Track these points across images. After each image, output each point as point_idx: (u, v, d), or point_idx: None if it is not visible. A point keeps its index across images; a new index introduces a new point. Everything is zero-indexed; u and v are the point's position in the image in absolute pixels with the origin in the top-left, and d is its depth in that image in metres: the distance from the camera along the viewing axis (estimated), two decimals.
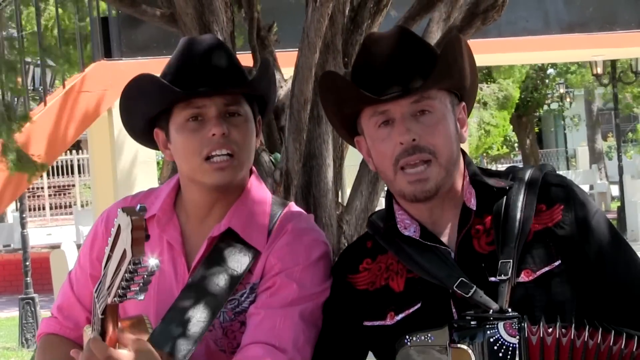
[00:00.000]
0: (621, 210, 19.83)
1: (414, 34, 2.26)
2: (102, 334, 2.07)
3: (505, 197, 2.22)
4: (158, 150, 2.51)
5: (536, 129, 32.75)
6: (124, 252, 1.86)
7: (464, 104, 2.28)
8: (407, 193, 2.18)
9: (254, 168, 2.46)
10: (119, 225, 1.89)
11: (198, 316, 2.28)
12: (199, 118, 2.32)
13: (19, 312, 12.58)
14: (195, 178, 2.35)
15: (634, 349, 2.02)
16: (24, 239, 12.83)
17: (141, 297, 1.91)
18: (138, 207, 1.85)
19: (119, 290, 1.91)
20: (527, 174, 2.25)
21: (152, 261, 1.86)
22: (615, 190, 24.29)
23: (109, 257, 1.96)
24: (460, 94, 2.27)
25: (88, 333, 2.29)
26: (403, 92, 2.16)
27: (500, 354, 1.99)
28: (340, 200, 4.60)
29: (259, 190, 2.45)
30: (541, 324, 2.01)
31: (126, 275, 1.87)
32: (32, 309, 12.41)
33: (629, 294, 2.17)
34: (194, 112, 2.32)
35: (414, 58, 2.19)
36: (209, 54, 2.35)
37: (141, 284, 1.89)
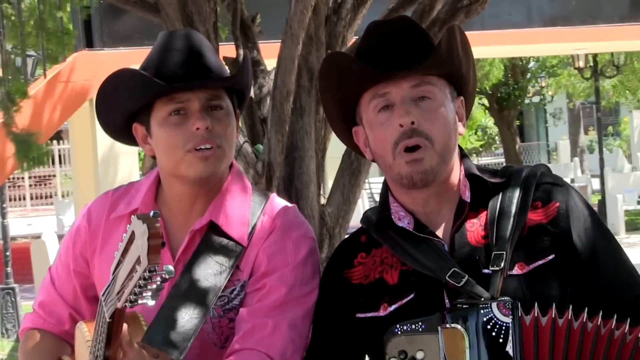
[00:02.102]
0: (602, 203, 19.92)
1: (414, 22, 2.30)
2: (108, 337, 2.06)
3: (501, 192, 2.24)
4: (133, 145, 2.49)
5: (517, 122, 32.79)
6: (138, 258, 1.86)
7: (462, 98, 2.30)
8: (404, 175, 2.19)
9: (234, 161, 2.46)
10: (133, 232, 1.89)
11: (191, 312, 2.27)
12: (181, 112, 2.31)
13: None
14: (179, 172, 2.34)
15: (639, 336, 2.00)
16: (4, 229, 12.80)
17: (152, 302, 1.91)
18: (152, 213, 1.85)
19: (131, 296, 1.91)
20: (524, 172, 2.27)
21: (166, 268, 1.87)
22: (596, 183, 24.39)
23: (120, 262, 1.96)
24: (459, 86, 2.29)
25: (83, 330, 2.28)
26: (405, 67, 2.17)
27: (494, 333, 1.99)
28: (322, 192, 4.60)
29: (240, 182, 2.44)
30: (535, 306, 2.01)
31: (140, 281, 1.87)
32: (13, 299, 12.38)
33: (619, 295, 2.18)
34: (176, 107, 2.31)
35: (415, 41, 2.22)
36: (190, 48, 2.34)
37: (154, 290, 1.89)
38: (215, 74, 2.34)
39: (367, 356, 2.27)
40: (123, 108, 2.39)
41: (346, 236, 2.52)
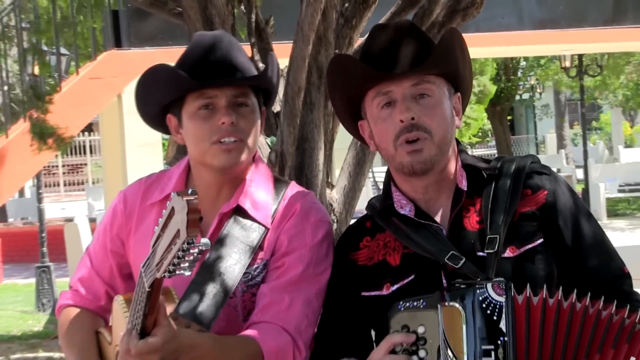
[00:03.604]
0: (585, 192, 19.88)
1: (415, 25, 2.28)
2: (146, 306, 2.04)
3: (494, 181, 2.23)
4: (167, 134, 2.51)
5: (509, 117, 32.73)
6: (178, 232, 1.85)
7: (459, 94, 2.29)
8: (405, 164, 2.19)
9: (257, 151, 2.47)
10: (173, 207, 1.88)
11: (218, 287, 2.28)
12: (209, 107, 2.33)
13: (35, 279, 12.60)
14: (205, 161, 2.35)
15: (625, 316, 1.98)
16: (40, 212, 12.85)
17: (188, 272, 1.90)
18: (190, 191, 1.85)
19: (170, 267, 1.89)
20: (515, 163, 2.26)
21: (203, 241, 1.86)
22: (580, 173, 24.35)
23: (159, 236, 1.94)
24: (456, 84, 2.28)
25: (120, 302, 2.28)
26: (404, 70, 2.17)
27: (489, 312, 1.98)
28: (329, 180, 4.59)
29: (263, 171, 2.46)
30: (527, 287, 2.00)
31: (179, 253, 1.86)
32: (48, 276, 12.44)
33: (601, 276, 2.18)
34: (205, 102, 2.33)
35: (415, 42, 2.21)
36: (220, 48, 2.34)
37: (191, 261, 1.88)
38: (242, 73, 2.35)
39: (373, 332, 2.27)
40: (158, 100, 2.40)
41: (352, 221, 2.52)
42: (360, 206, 2.76)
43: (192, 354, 2.14)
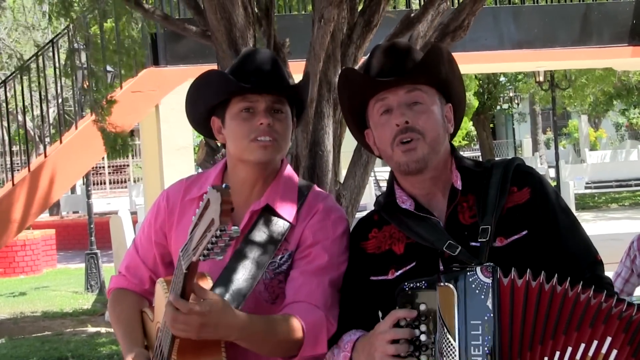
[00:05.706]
0: (557, 188, 19.81)
1: (408, 44, 2.28)
2: (183, 286, 2.03)
3: (485, 180, 2.20)
4: (206, 135, 2.48)
5: (491, 125, 32.67)
6: (212, 220, 1.84)
7: (450, 105, 2.27)
8: (401, 163, 2.17)
9: (285, 158, 2.45)
10: (208, 200, 1.87)
11: (247, 274, 2.27)
12: (250, 110, 2.32)
13: (84, 264, 12.63)
14: (243, 157, 2.34)
15: (602, 300, 1.94)
16: (89, 207, 12.89)
17: (220, 257, 1.89)
18: (224, 185, 1.83)
19: (205, 251, 1.88)
20: (503, 164, 2.24)
21: (234, 228, 1.84)
22: (552, 172, 24.28)
23: (196, 225, 1.93)
24: (447, 94, 2.26)
25: (162, 284, 2.26)
26: (397, 78, 2.17)
27: (477, 291, 1.96)
28: (337, 178, 4.58)
29: (290, 174, 2.44)
30: (513, 270, 1.97)
31: (212, 239, 1.85)
32: (95, 261, 12.47)
33: (578, 261, 2.15)
34: (247, 105, 2.32)
35: (408, 58, 2.21)
36: (264, 62, 2.35)
37: (222, 247, 1.87)
38: (280, 84, 2.35)
39: (380, 313, 2.25)
40: (207, 100, 2.39)
41: (358, 214, 2.51)
42: (364, 201, 2.74)
43: (228, 320, 2.10)
